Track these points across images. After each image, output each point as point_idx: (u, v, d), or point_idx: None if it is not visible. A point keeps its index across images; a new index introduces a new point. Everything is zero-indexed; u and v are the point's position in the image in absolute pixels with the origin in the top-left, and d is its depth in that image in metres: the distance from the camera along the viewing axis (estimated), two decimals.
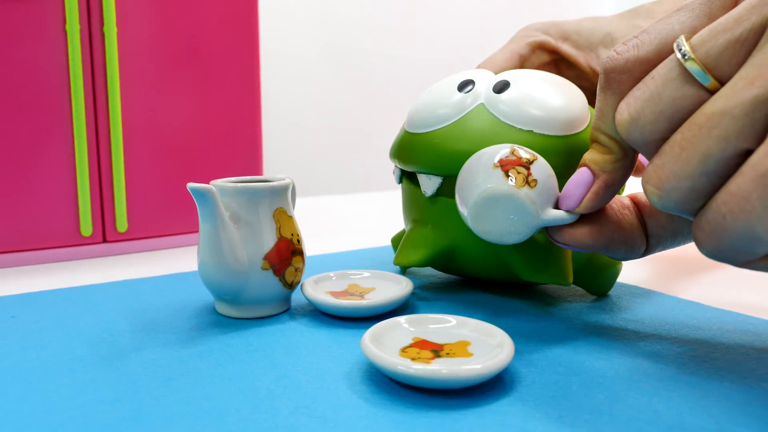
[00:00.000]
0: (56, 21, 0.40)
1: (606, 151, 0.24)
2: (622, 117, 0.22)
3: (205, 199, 0.27)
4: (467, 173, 0.26)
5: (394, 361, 0.22)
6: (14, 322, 0.30)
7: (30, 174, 0.41)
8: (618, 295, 0.34)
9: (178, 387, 0.22)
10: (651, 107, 0.21)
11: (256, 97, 0.49)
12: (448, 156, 0.31)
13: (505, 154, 0.25)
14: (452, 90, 0.33)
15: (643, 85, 0.22)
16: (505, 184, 0.24)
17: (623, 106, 0.22)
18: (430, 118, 0.32)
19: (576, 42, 0.41)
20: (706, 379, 0.23)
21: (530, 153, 0.25)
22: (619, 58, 0.23)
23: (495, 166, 0.25)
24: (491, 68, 0.41)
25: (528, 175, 0.24)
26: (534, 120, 0.30)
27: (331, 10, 1.48)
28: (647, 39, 0.22)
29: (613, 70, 0.23)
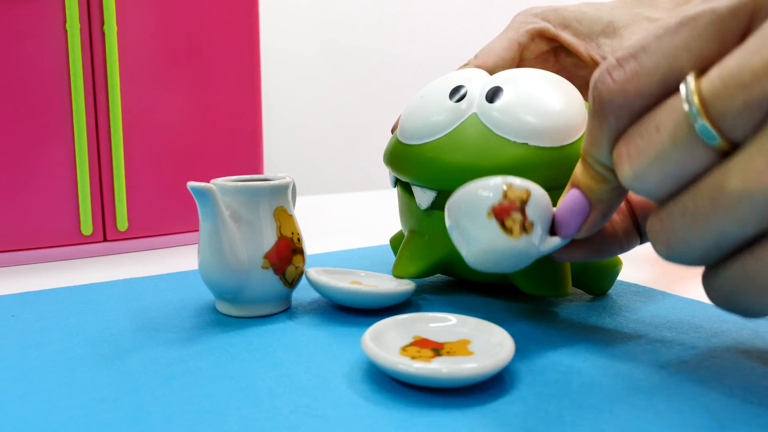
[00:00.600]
0: (56, 20, 0.40)
1: (601, 180, 0.23)
2: (623, 169, 0.20)
3: (205, 198, 0.27)
4: (458, 216, 0.24)
5: (395, 360, 0.22)
6: (14, 321, 0.30)
7: (30, 173, 0.41)
8: (618, 293, 0.34)
9: (178, 386, 0.22)
10: (657, 167, 0.19)
11: (256, 95, 0.49)
12: (442, 170, 0.30)
13: (498, 199, 0.23)
14: (443, 97, 0.32)
15: (646, 135, 0.19)
16: (503, 239, 0.23)
17: (623, 155, 0.20)
18: (422, 129, 0.32)
19: (576, 30, 0.39)
20: (706, 377, 0.23)
21: (523, 187, 0.24)
22: (616, 90, 0.20)
23: (489, 215, 0.23)
24: (490, 59, 0.40)
25: (524, 220, 0.23)
26: (528, 132, 0.29)
27: (332, 9, 1.48)
28: (648, 66, 0.19)
29: (610, 103, 0.20)
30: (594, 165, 0.22)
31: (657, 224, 0.20)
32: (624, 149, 0.20)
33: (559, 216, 0.24)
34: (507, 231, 0.23)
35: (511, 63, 0.40)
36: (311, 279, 0.30)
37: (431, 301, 0.33)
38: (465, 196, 0.24)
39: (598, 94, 0.21)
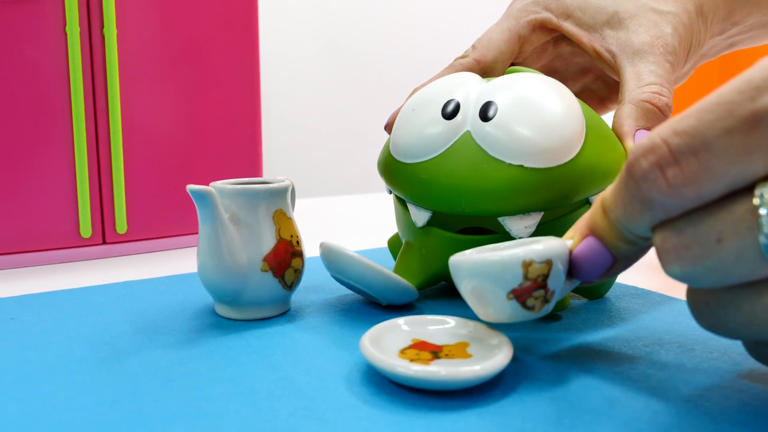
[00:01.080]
0: (56, 22, 0.40)
1: (629, 242, 0.21)
2: (672, 267, 0.18)
3: (204, 201, 0.27)
4: (475, 291, 0.23)
5: (393, 363, 0.22)
6: (14, 323, 0.30)
7: (30, 175, 0.41)
8: (617, 296, 0.34)
9: (177, 388, 0.23)
10: (712, 277, 0.18)
11: (255, 98, 0.49)
12: (436, 193, 0.30)
13: (519, 282, 0.22)
14: (436, 113, 0.31)
15: (704, 245, 0.17)
16: (524, 314, 0.23)
17: (673, 255, 0.18)
18: (415, 147, 0.31)
19: (579, 20, 0.37)
20: (704, 379, 0.23)
21: (545, 259, 0.22)
22: (669, 193, 0.18)
23: (509, 298, 0.22)
24: (489, 53, 0.38)
25: (546, 293, 0.22)
26: (522, 153, 0.28)
27: (331, 11, 1.48)
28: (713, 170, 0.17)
29: (661, 202, 0.18)
30: (624, 232, 0.21)
31: (703, 306, 0.19)
32: (673, 249, 0.18)
33: (579, 264, 0.23)
34: (528, 309, 0.23)
35: (510, 56, 0.38)
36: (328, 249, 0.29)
37: (430, 303, 0.33)
38: (481, 274, 0.23)
39: (646, 191, 0.18)
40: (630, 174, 0.19)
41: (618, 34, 0.35)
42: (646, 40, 0.34)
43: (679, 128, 0.17)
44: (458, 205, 0.29)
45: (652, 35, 0.34)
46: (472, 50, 0.38)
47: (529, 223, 0.29)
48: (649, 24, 0.35)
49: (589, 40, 0.36)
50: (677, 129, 0.17)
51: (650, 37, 0.34)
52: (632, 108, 0.32)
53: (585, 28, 0.36)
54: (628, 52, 0.34)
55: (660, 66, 0.33)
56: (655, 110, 0.32)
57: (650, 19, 0.35)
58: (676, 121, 0.18)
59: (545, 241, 0.22)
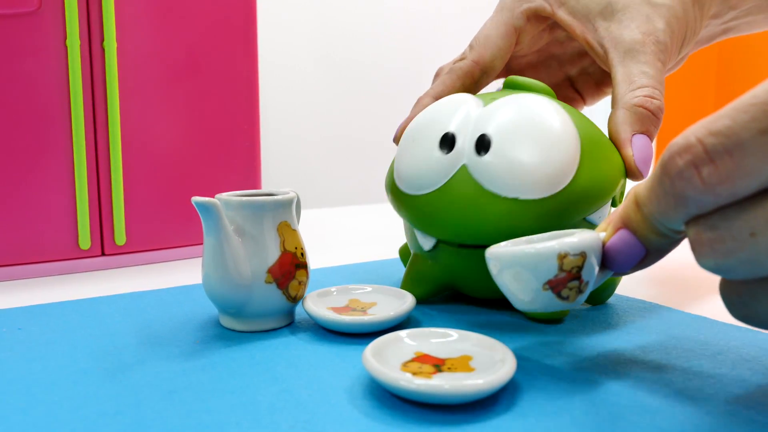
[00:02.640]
0: (57, 36, 0.41)
1: (662, 236, 0.22)
2: (706, 259, 0.19)
3: (209, 213, 0.27)
4: (510, 281, 0.24)
5: (396, 376, 0.22)
6: (21, 333, 0.30)
7: (29, 187, 0.41)
8: (624, 309, 0.34)
9: (179, 400, 0.23)
10: (745, 268, 0.18)
11: (254, 110, 0.49)
12: (437, 225, 0.31)
13: (554, 273, 0.23)
14: (434, 146, 0.32)
15: (738, 238, 0.18)
16: (559, 304, 0.23)
17: (707, 247, 0.19)
18: (415, 180, 0.32)
19: (573, 9, 0.36)
20: (711, 395, 0.23)
21: (579, 251, 0.23)
22: (705, 190, 0.18)
23: (545, 288, 0.23)
24: (487, 52, 0.38)
25: (580, 284, 0.23)
26: (518, 187, 0.29)
27: (329, 23, 1.49)
28: (747, 167, 0.17)
29: (696, 199, 0.18)
30: (657, 225, 0.21)
31: (735, 297, 0.20)
32: (707, 243, 0.19)
33: (613, 256, 0.23)
34: (563, 299, 0.23)
35: (508, 51, 0.38)
36: (308, 310, 0.30)
37: (432, 316, 0.33)
38: (518, 265, 0.23)
39: (681, 188, 0.19)
40: (665, 171, 0.19)
41: (610, 26, 0.35)
42: (637, 37, 0.34)
43: (714, 128, 0.18)
44: (459, 237, 0.31)
45: (643, 31, 0.34)
46: (469, 51, 0.38)
47: None
48: (641, 18, 0.34)
49: (581, 30, 0.36)
50: (712, 129, 0.18)
51: (641, 34, 0.34)
52: (626, 113, 0.32)
53: (578, 17, 0.36)
54: (619, 50, 0.34)
55: (651, 66, 0.33)
56: (648, 114, 0.32)
57: (643, 12, 0.34)
58: (710, 121, 0.18)
59: (579, 234, 0.23)
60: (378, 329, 0.29)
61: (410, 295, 0.32)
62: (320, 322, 0.30)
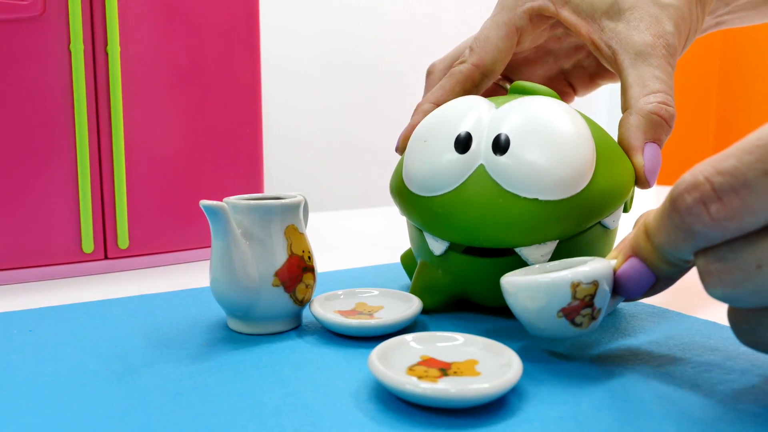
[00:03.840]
0: (61, 41, 0.41)
1: (672, 265, 0.23)
2: (714, 289, 0.20)
3: (217, 217, 0.27)
4: (524, 309, 0.25)
5: (402, 380, 0.22)
6: (32, 335, 0.30)
7: (33, 191, 0.42)
8: (632, 313, 0.34)
9: (186, 402, 0.23)
10: (753, 298, 0.19)
11: (257, 114, 0.50)
12: (453, 226, 0.30)
13: (568, 302, 0.24)
14: (449, 146, 0.31)
15: (744, 270, 0.19)
16: (572, 331, 0.24)
17: (715, 278, 0.20)
18: (429, 181, 0.31)
19: (577, 7, 0.36)
20: (720, 402, 0.23)
21: (592, 280, 0.23)
22: (713, 225, 0.19)
23: (558, 315, 0.24)
24: (488, 55, 0.37)
25: (593, 311, 0.24)
26: (536, 187, 0.28)
27: (332, 26, 1.50)
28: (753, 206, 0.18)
29: (704, 234, 0.19)
30: (667, 256, 0.22)
31: (743, 324, 0.21)
32: (715, 273, 0.20)
33: (624, 283, 0.24)
34: (577, 326, 0.24)
35: (509, 52, 0.37)
36: (314, 313, 0.31)
37: (439, 320, 0.33)
38: (533, 294, 0.24)
39: (690, 224, 0.20)
40: (674, 207, 0.20)
41: (618, 27, 0.34)
42: (647, 40, 0.33)
43: (721, 168, 0.19)
44: (476, 239, 0.30)
45: (653, 33, 0.33)
46: (469, 53, 0.37)
47: (544, 252, 0.29)
48: (650, 19, 0.34)
49: (587, 30, 0.35)
50: (719, 168, 0.19)
51: (652, 36, 0.33)
52: (640, 120, 0.32)
53: (582, 16, 0.35)
54: (630, 52, 0.33)
55: (663, 71, 0.33)
56: (661, 122, 0.32)
57: (651, 13, 0.34)
58: (717, 160, 0.19)
59: (592, 263, 0.24)
60: (384, 333, 0.29)
61: (417, 299, 0.32)
62: (327, 326, 0.30)
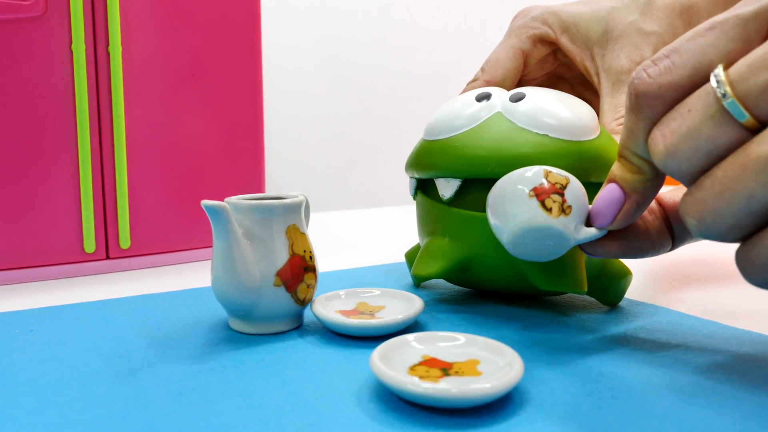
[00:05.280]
0: (63, 41, 0.41)
1: (637, 171, 0.24)
2: (658, 149, 0.22)
3: (218, 216, 0.27)
4: (501, 198, 0.26)
5: (403, 380, 0.22)
6: (34, 335, 0.30)
7: (34, 191, 0.42)
8: (634, 313, 0.34)
9: (188, 402, 0.23)
10: (688, 143, 0.21)
11: (258, 114, 0.50)
12: (467, 159, 0.32)
13: (539, 182, 0.26)
14: (470, 101, 0.34)
15: (678, 117, 0.21)
16: (543, 216, 0.25)
17: (658, 137, 0.22)
18: (448, 125, 0.34)
19: (574, 36, 0.40)
20: (721, 402, 0.23)
21: (563, 175, 0.26)
22: (651, 83, 0.22)
23: (530, 195, 0.25)
24: (498, 72, 0.41)
25: (563, 202, 0.25)
26: (548, 126, 0.31)
27: (334, 26, 1.50)
28: (679, 62, 0.22)
29: (645, 95, 0.22)
30: (630, 157, 0.24)
31: (688, 198, 0.22)
32: (658, 132, 0.22)
33: (596, 207, 0.26)
34: (547, 210, 0.25)
35: (517, 72, 0.41)
36: (316, 313, 0.31)
37: (440, 320, 0.33)
38: (508, 178, 0.26)
39: (635, 89, 0.23)
40: (628, 90, 0.23)
41: (605, 55, 0.38)
42: (624, 66, 0.37)
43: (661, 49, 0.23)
44: (488, 170, 0.32)
45: (631, 60, 0.37)
46: (481, 73, 0.42)
47: None
48: (631, 47, 0.37)
49: (580, 58, 0.40)
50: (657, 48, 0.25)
51: (630, 63, 0.37)
52: (616, 137, 0.36)
53: (578, 44, 0.40)
54: (609, 81, 0.37)
55: None
56: None
57: (633, 41, 0.37)
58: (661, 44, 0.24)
59: None
60: (386, 333, 0.29)
61: (418, 299, 0.32)
62: (328, 326, 0.30)
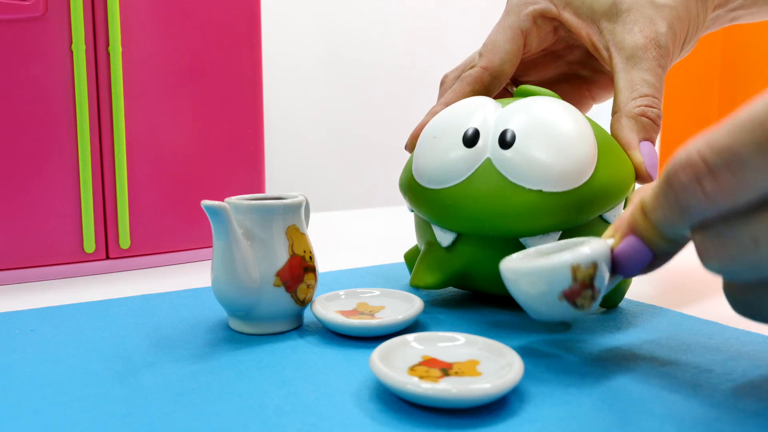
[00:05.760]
0: (63, 41, 0.41)
1: (668, 241, 0.23)
2: (711, 264, 0.20)
3: (219, 217, 0.27)
4: (525, 294, 0.25)
5: (403, 380, 0.22)
6: (34, 335, 0.30)
7: (34, 191, 0.42)
8: (633, 313, 0.34)
9: (188, 402, 0.23)
10: (748, 273, 0.20)
11: (258, 114, 0.50)
12: (461, 217, 0.31)
13: (569, 284, 0.23)
14: (457, 141, 0.32)
15: (740, 245, 0.19)
16: (573, 312, 0.24)
17: (711, 253, 0.20)
18: (438, 174, 0.33)
19: (578, 9, 0.37)
20: (721, 402, 0.23)
21: (591, 261, 0.23)
22: (707, 202, 0.19)
23: (560, 299, 0.24)
24: (496, 57, 0.38)
25: (593, 292, 0.24)
26: (541, 179, 0.30)
27: (334, 25, 1.50)
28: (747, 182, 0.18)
29: (698, 210, 0.20)
30: (664, 232, 0.22)
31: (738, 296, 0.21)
32: (712, 248, 0.20)
33: (622, 261, 0.24)
34: (578, 307, 0.24)
35: (517, 54, 0.39)
36: (316, 313, 0.31)
37: (440, 320, 0.33)
38: (533, 279, 0.24)
39: (685, 201, 0.20)
40: (670, 185, 0.20)
41: (615, 28, 0.35)
42: (639, 42, 0.34)
43: (714, 145, 0.19)
44: (482, 229, 0.31)
45: (646, 36, 0.34)
46: (479, 58, 0.39)
47: (548, 242, 0.30)
48: (644, 21, 0.35)
49: (586, 32, 0.37)
50: (713, 145, 0.19)
51: (644, 39, 0.34)
52: (630, 122, 0.34)
53: (583, 18, 0.37)
54: (622, 56, 0.35)
55: (653, 73, 0.34)
56: (649, 122, 0.34)
57: (646, 14, 0.35)
58: (711, 136, 0.19)
59: (591, 244, 0.24)
60: (385, 333, 0.29)
61: (418, 299, 0.32)
62: (328, 326, 0.30)
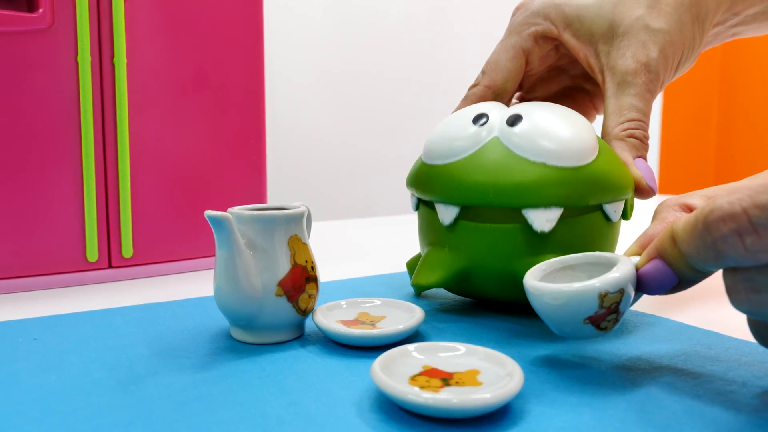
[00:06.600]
0: (69, 52, 0.42)
1: (696, 272, 0.24)
2: (741, 305, 0.22)
3: (221, 227, 0.28)
4: (552, 316, 0.25)
5: (404, 390, 0.22)
6: (37, 344, 0.31)
7: (39, 200, 0.42)
8: (633, 323, 0.34)
9: (190, 412, 0.23)
10: None
11: (260, 125, 0.50)
12: (465, 187, 0.32)
13: (595, 310, 0.24)
14: (467, 123, 0.34)
15: None
16: (597, 334, 0.25)
17: (743, 296, 0.21)
18: (446, 150, 0.34)
19: (578, 31, 0.38)
20: (722, 413, 0.23)
21: (617, 290, 0.24)
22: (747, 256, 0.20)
23: (585, 323, 0.24)
24: (498, 76, 0.39)
25: (617, 315, 0.25)
26: (545, 152, 0.31)
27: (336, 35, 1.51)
28: None
29: (737, 261, 0.21)
30: (693, 264, 0.23)
31: (762, 328, 0.23)
32: (744, 292, 0.21)
33: (647, 282, 0.25)
34: (601, 330, 0.25)
35: (519, 72, 0.40)
36: (317, 323, 0.31)
37: (441, 330, 0.33)
38: (559, 302, 0.24)
39: (723, 250, 0.21)
40: (708, 231, 0.21)
41: (610, 52, 0.37)
42: (630, 67, 0.36)
43: (759, 201, 0.20)
44: (486, 199, 0.32)
45: (637, 60, 0.36)
46: (482, 76, 0.40)
47: (550, 217, 0.31)
48: (637, 45, 0.36)
49: (584, 54, 0.38)
50: (758, 202, 0.20)
51: (635, 63, 0.36)
52: (619, 143, 0.36)
53: (582, 40, 0.38)
54: (614, 81, 0.36)
55: (640, 98, 0.36)
56: (637, 142, 0.35)
57: (640, 39, 0.36)
58: (756, 191, 0.20)
59: (620, 268, 0.24)
60: (386, 343, 0.29)
61: (419, 309, 0.32)
62: (329, 335, 0.30)
